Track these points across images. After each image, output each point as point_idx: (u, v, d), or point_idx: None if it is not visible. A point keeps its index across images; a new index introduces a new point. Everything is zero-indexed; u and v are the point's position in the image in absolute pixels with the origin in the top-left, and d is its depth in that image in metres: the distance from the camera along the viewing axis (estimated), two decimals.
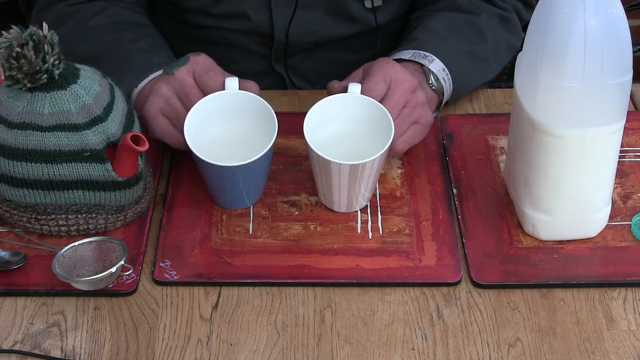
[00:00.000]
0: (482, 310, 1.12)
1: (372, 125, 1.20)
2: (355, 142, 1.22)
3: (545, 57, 1.07)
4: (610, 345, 1.08)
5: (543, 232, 1.18)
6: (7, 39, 1.08)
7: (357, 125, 1.21)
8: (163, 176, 1.28)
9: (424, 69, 1.32)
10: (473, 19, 1.40)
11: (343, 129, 1.22)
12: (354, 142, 1.22)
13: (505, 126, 1.30)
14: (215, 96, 1.18)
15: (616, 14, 1.04)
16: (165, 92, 1.21)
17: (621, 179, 1.27)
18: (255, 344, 1.08)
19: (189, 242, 1.19)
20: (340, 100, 1.20)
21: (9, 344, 1.08)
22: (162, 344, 1.08)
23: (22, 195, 1.16)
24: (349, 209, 1.22)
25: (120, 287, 1.13)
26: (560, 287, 1.14)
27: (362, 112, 1.20)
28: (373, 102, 1.19)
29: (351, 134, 1.22)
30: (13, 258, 1.16)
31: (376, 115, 1.19)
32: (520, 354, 1.07)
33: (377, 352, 1.07)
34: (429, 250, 1.18)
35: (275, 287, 1.14)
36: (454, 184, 1.27)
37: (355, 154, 1.21)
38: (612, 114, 1.10)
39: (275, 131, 1.16)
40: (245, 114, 1.20)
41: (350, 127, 1.22)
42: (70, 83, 1.12)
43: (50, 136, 1.12)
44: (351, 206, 1.22)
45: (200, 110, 1.18)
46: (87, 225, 1.18)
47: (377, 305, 1.12)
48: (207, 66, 1.22)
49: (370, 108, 1.19)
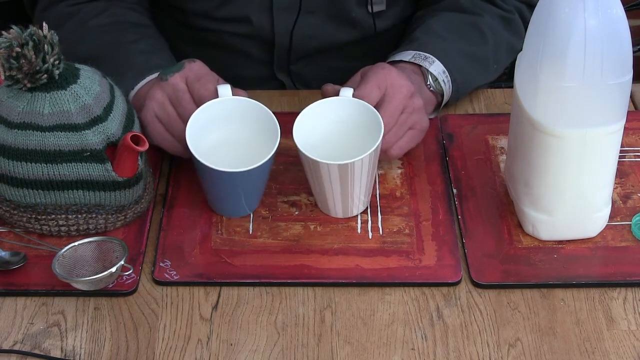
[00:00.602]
0: (482, 310, 1.12)
1: (363, 128, 1.19)
2: (346, 145, 1.21)
3: (545, 57, 1.07)
4: (610, 345, 1.08)
5: (543, 232, 1.18)
6: (7, 39, 1.08)
7: (348, 128, 1.21)
8: (163, 176, 1.29)
9: (422, 70, 1.32)
10: (475, 20, 1.40)
11: (334, 132, 1.21)
12: (346, 145, 1.21)
13: (505, 126, 1.30)
14: (216, 102, 1.18)
15: (616, 14, 1.04)
16: (159, 98, 1.21)
17: (621, 179, 1.27)
18: (255, 344, 1.08)
19: (189, 242, 1.19)
20: (330, 103, 1.20)
21: (9, 344, 1.08)
22: (162, 344, 1.08)
23: (22, 195, 1.16)
24: (345, 214, 1.21)
25: (120, 287, 1.13)
26: (560, 287, 1.14)
27: (352, 115, 1.20)
28: (363, 104, 1.19)
29: (342, 137, 1.21)
30: (13, 258, 1.16)
31: (367, 117, 1.19)
32: (520, 354, 1.07)
33: (377, 352, 1.07)
34: (429, 250, 1.18)
35: (275, 287, 1.14)
36: (454, 184, 1.27)
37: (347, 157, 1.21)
38: (612, 114, 1.10)
39: (277, 140, 1.16)
40: (246, 121, 1.20)
41: (341, 130, 1.21)
42: (70, 83, 1.12)
43: (50, 136, 1.12)
44: (347, 211, 1.21)
45: (201, 116, 1.17)
46: (87, 225, 1.18)
47: (377, 305, 1.12)
48: (200, 73, 1.22)
49: (360, 110, 1.19)
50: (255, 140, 1.20)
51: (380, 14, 1.45)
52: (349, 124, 1.21)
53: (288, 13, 1.42)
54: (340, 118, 1.21)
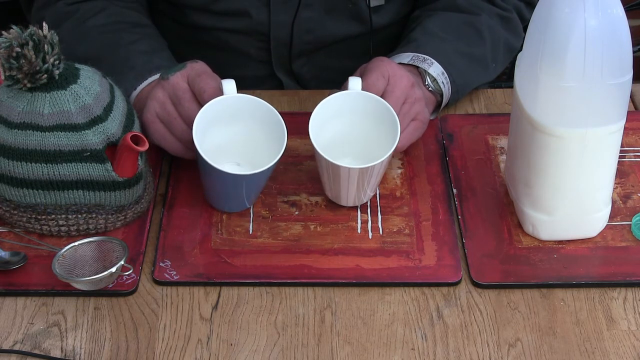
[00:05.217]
0: (482, 310, 1.12)
1: (376, 122, 1.20)
2: (359, 139, 1.22)
3: (545, 57, 1.07)
4: (610, 345, 1.08)
5: (543, 232, 1.18)
6: (7, 39, 1.08)
7: (361, 122, 1.21)
8: (163, 176, 1.29)
9: (420, 71, 1.32)
10: (472, 20, 1.40)
11: (347, 126, 1.22)
12: (359, 139, 1.22)
13: (505, 126, 1.30)
14: (222, 99, 1.18)
15: (616, 14, 1.04)
16: (160, 97, 1.21)
17: (621, 179, 1.27)
18: (255, 344, 1.08)
19: (189, 242, 1.19)
20: (342, 97, 1.20)
21: (9, 344, 1.08)
22: (162, 344, 1.08)
23: (22, 195, 1.16)
24: (355, 203, 1.22)
25: (120, 287, 1.13)
26: (560, 287, 1.14)
27: (365, 109, 1.20)
28: (376, 98, 1.19)
29: (355, 132, 1.22)
30: (13, 258, 1.16)
31: (379, 111, 1.19)
32: (520, 354, 1.07)
33: (377, 352, 1.07)
34: (429, 250, 1.18)
35: (275, 287, 1.14)
36: (454, 184, 1.27)
37: (360, 152, 1.21)
38: (612, 114, 1.10)
39: (284, 142, 1.16)
40: (252, 120, 1.20)
41: (354, 125, 1.22)
42: (70, 83, 1.12)
43: (50, 136, 1.12)
44: (358, 201, 1.22)
45: (206, 115, 1.17)
46: (87, 225, 1.18)
47: (377, 305, 1.12)
48: (201, 70, 1.22)
49: (373, 104, 1.20)
50: (260, 139, 1.20)
51: (378, 9, 1.45)
52: (361, 118, 1.21)
53: (286, 6, 1.42)
54: (352, 112, 1.21)
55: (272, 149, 1.17)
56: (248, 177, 1.16)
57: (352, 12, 1.44)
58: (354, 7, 1.43)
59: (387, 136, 1.18)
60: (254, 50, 1.48)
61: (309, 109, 1.20)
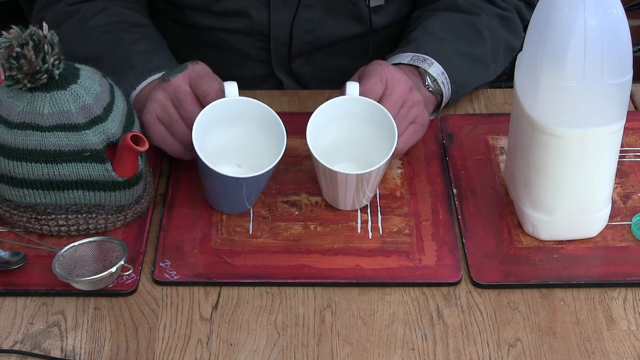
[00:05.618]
0: (482, 310, 1.12)
1: (374, 127, 1.20)
2: (357, 144, 1.22)
3: (545, 57, 1.07)
4: (610, 345, 1.08)
5: (543, 232, 1.18)
6: (7, 39, 1.08)
7: (359, 127, 1.21)
8: (163, 176, 1.29)
9: (420, 71, 1.32)
10: (472, 20, 1.40)
11: (345, 131, 1.22)
12: (357, 144, 1.22)
13: (505, 126, 1.30)
14: (222, 102, 1.18)
15: (616, 14, 1.04)
16: (161, 99, 1.21)
17: (621, 179, 1.27)
18: (255, 344, 1.08)
19: (189, 242, 1.19)
20: (340, 103, 1.20)
21: (9, 344, 1.08)
22: (162, 344, 1.08)
23: (22, 195, 1.16)
24: (353, 207, 1.22)
25: (120, 287, 1.13)
26: (560, 287, 1.14)
27: (363, 114, 1.20)
28: (373, 103, 1.19)
29: (353, 136, 1.22)
30: (13, 258, 1.16)
31: (377, 116, 1.19)
32: (520, 354, 1.07)
33: (377, 352, 1.07)
34: (429, 250, 1.18)
35: (275, 287, 1.14)
36: (454, 184, 1.27)
37: (358, 156, 1.21)
38: (612, 114, 1.10)
39: (284, 144, 1.16)
40: (251, 122, 1.20)
41: (352, 129, 1.22)
42: (70, 83, 1.12)
43: (50, 136, 1.12)
44: (356, 205, 1.22)
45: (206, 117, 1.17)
46: (87, 225, 1.18)
47: (377, 305, 1.12)
48: (203, 72, 1.21)
49: (370, 109, 1.20)
50: (260, 141, 1.20)
51: (378, 9, 1.45)
52: (359, 122, 1.21)
53: (286, 6, 1.42)
54: (349, 117, 1.21)
55: (272, 150, 1.17)
56: (248, 180, 1.16)
57: (351, 12, 1.44)
58: (354, 8, 1.44)
59: (385, 140, 1.18)
60: (253, 50, 1.48)
61: (308, 109, 1.20)
